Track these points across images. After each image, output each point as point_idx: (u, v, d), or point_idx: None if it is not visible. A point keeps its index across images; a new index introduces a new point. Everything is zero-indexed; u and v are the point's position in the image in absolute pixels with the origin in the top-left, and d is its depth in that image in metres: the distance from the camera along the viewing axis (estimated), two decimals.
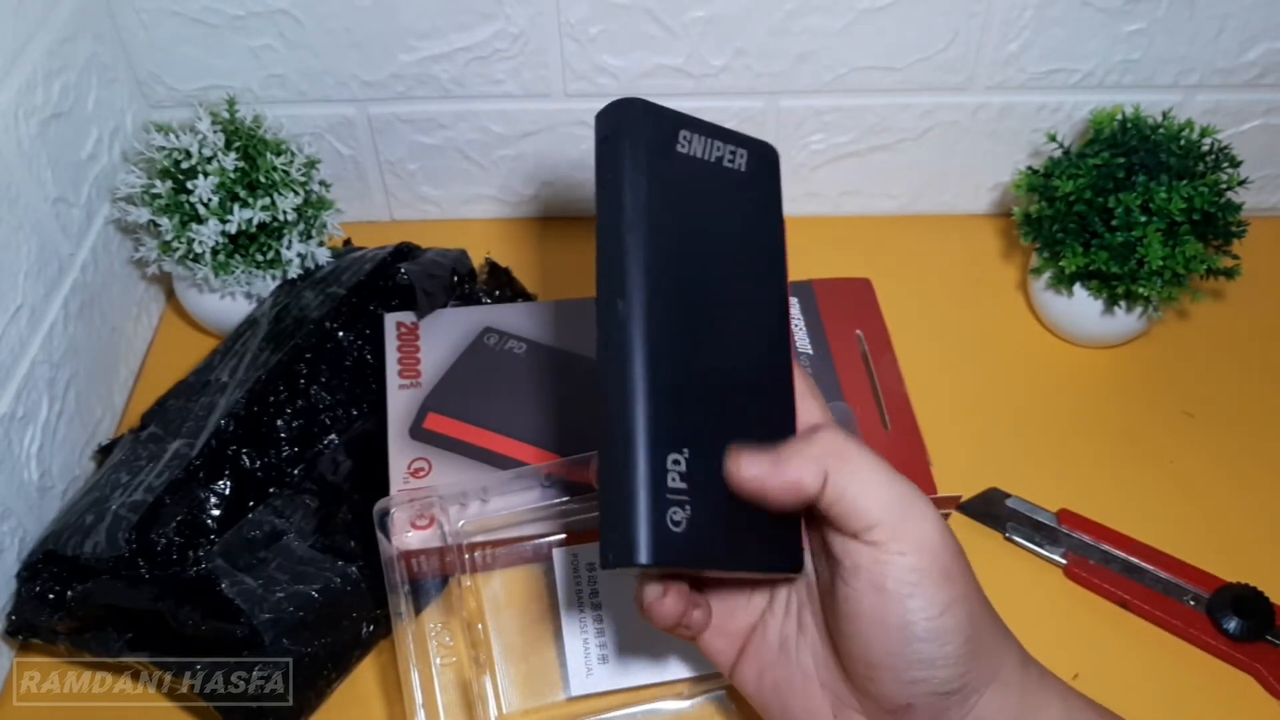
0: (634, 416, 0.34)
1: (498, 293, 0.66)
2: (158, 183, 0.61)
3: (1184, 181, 0.60)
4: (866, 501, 0.35)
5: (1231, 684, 0.52)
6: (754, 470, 0.35)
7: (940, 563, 0.35)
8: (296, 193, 0.62)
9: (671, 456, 0.34)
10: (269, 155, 0.61)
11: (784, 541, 0.38)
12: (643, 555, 0.34)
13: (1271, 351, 0.67)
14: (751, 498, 0.35)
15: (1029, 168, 0.66)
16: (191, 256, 0.62)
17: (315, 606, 0.50)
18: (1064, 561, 0.56)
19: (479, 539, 0.53)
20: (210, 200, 0.60)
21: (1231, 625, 0.53)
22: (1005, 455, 0.61)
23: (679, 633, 0.39)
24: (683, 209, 0.36)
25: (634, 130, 0.35)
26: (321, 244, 0.64)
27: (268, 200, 0.61)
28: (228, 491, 0.54)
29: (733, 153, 0.39)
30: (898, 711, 0.36)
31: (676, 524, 0.34)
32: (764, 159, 0.40)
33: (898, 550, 0.34)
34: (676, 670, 0.50)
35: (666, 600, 0.37)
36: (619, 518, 0.34)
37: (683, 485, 0.34)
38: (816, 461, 0.35)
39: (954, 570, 0.35)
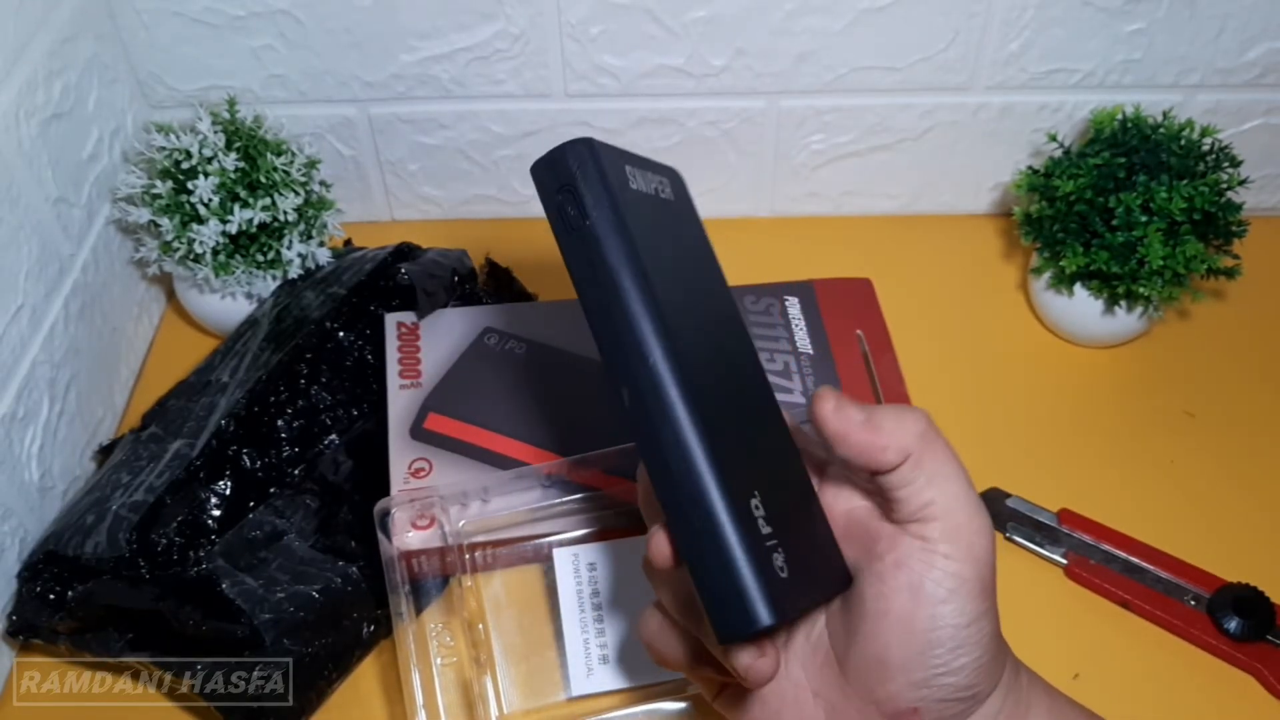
0: (706, 475, 0.31)
1: (498, 293, 0.66)
2: (158, 183, 0.61)
3: (1184, 181, 0.60)
4: (934, 493, 0.34)
5: (1232, 684, 0.52)
6: (845, 423, 0.34)
7: (981, 574, 0.34)
8: (297, 193, 0.62)
9: (752, 503, 0.32)
10: (269, 155, 0.61)
11: (835, 558, 0.36)
12: (766, 616, 0.31)
13: (1272, 351, 0.67)
14: (826, 441, 0.34)
15: (1029, 168, 0.66)
16: (192, 257, 0.62)
17: (316, 606, 0.50)
18: (1064, 561, 0.56)
19: (479, 539, 0.53)
20: (211, 200, 0.60)
21: (1232, 625, 0.53)
22: (1005, 455, 0.61)
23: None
24: (655, 250, 0.34)
25: (599, 173, 0.33)
26: (322, 244, 0.64)
27: (268, 200, 0.61)
28: (228, 492, 0.54)
29: (660, 182, 0.37)
30: (901, 715, 0.35)
31: (781, 570, 0.32)
32: (679, 183, 0.39)
33: (945, 553, 0.34)
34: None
35: (768, 656, 0.34)
36: (730, 584, 0.31)
37: (770, 530, 0.32)
38: (908, 438, 0.34)
39: (990, 585, 0.35)
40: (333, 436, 0.58)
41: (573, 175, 0.33)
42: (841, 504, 0.37)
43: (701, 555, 0.32)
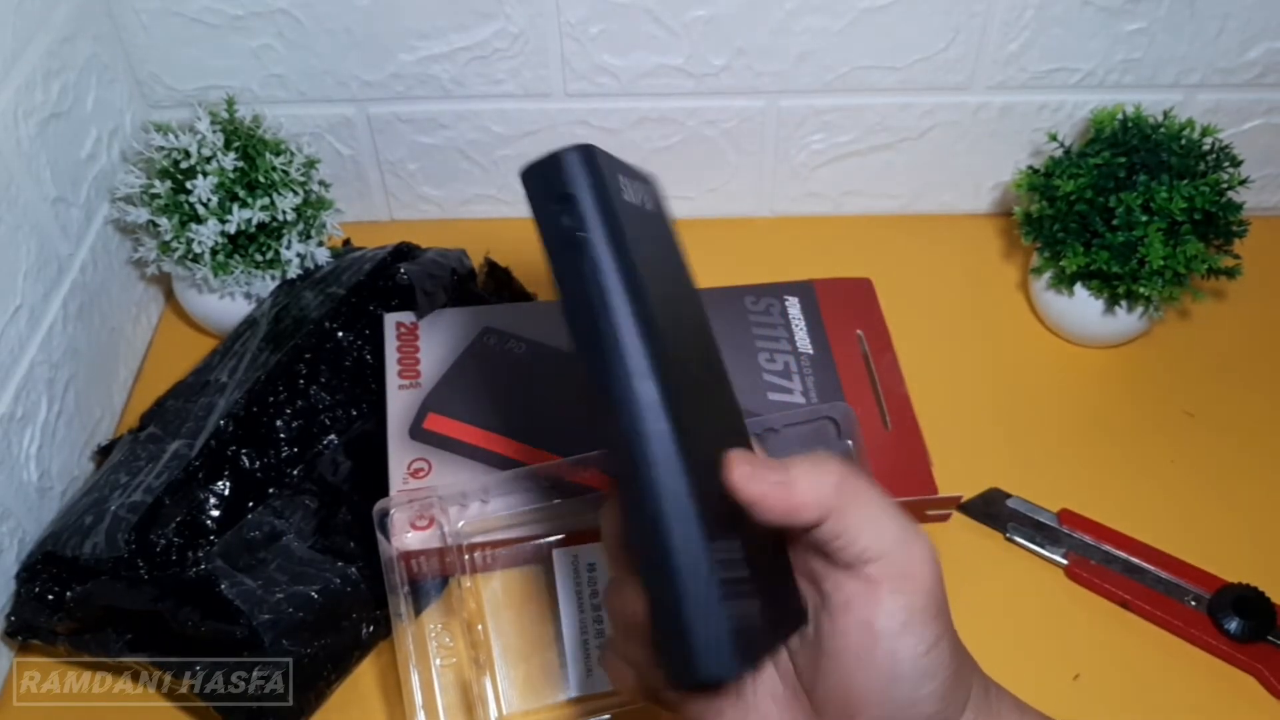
0: (678, 521, 0.30)
1: (497, 293, 0.66)
2: (157, 183, 0.61)
3: (1185, 181, 0.60)
4: (868, 539, 0.33)
5: (1233, 684, 0.52)
6: (760, 485, 0.33)
7: (932, 599, 0.34)
8: (296, 193, 0.62)
9: (727, 545, 0.31)
10: (268, 155, 0.61)
11: (794, 594, 0.36)
12: (720, 669, 0.30)
13: (1272, 351, 0.67)
14: (745, 504, 0.34)
15: (1030, 167, 0.66)
16: (191, 256, 0.62)
17: (315, 607, 0.50)
18: (1065, 562, 0.56)
19: (479, 539, 0.53)
20: (209, 200, 0.60)
21: (1233, 626, 0.52)
22: (1006, 455, 0.61)
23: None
24: (647, 269, 0.32)
25: (599, 184, 0.30)
26: (321, 244, 0.64)
27: (267, 200, 0.61)
28: (227, 492, 0.54)
29: (646, 191, 0.35)
30: None
31: (744, 619, 0.31)
32: (658, 191, 0.36)
33: (891, 589, 0.33)
34: None
35: (725, 698, 0.34)
36: (685, 633, 0.30)
37: (742, 573, 0.32)
38: (825, 492, 0.33)
39: (942, 606, 0.34)
40: (332, 437, 0.58)
41: (571, 185, 0.31)
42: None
43: (662, 600, 0.30)
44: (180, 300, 0.67)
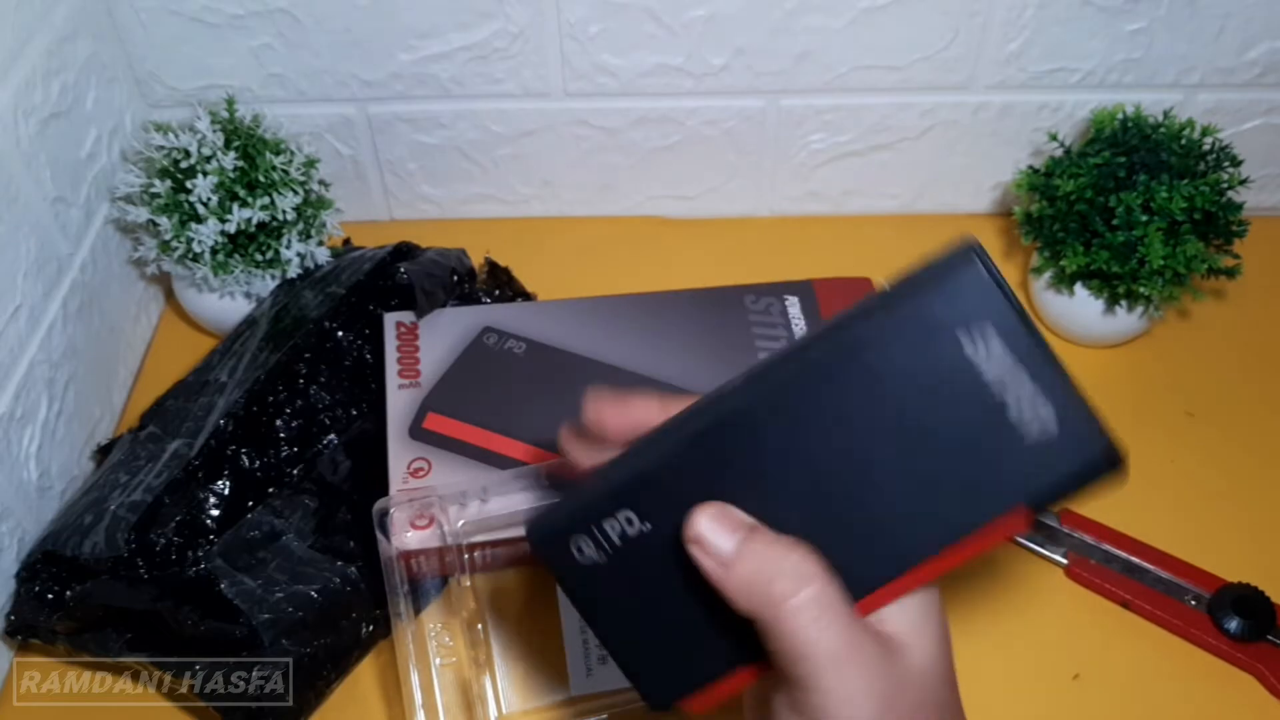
0: None
1: (497, 292, 0.66)
2: (157, 182, 0.61)
3: (1185, 181, 0.60)
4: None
5: (1232, 684, 0.52)
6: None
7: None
8: (296, 192, 0.62)
9: None
10: (268, 154, 0.61)
11: None
12: None
13: (1272, 351, 0.67)
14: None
15: (1030, 167, 0.66)
16: (190, 256, 0.62)
17: (314, 607, 0.50)
18: (1065, 561, 0.56)
19: (479, 539, 0.53)
20: (209, 200, 0.60)
21: (1232, 625, 0.52)
22: None
23: None
24: None
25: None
26: (321, 244, 0.64)
27: (267, 200, 0.61)
28: (227, 492, 0.54)
29: None
30: None
31: None
32: None
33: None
34: None
35: None
36: None
37: None
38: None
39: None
40: (331, 436, 0.58)
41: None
42: None
43: None
44: (180, 300, 0.67)
